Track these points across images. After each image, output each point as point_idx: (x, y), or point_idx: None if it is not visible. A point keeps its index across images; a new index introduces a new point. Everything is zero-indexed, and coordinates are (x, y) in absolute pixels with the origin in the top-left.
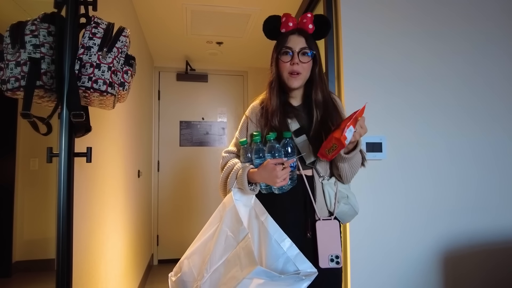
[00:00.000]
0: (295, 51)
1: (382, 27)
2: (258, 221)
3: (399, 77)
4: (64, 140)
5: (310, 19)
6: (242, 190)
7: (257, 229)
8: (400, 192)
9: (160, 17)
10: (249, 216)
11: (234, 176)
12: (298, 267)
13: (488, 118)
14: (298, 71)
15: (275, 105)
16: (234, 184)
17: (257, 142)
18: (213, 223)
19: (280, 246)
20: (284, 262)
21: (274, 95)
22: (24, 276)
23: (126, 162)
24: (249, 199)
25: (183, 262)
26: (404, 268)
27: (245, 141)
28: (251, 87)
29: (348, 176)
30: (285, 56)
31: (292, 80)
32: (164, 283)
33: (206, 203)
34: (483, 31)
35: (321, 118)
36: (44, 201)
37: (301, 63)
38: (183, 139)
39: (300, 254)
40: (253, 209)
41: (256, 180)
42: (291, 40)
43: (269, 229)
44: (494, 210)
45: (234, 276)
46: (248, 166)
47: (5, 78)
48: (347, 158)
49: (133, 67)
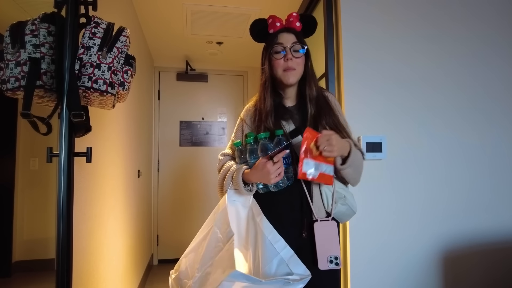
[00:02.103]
0: (287, 47)
1: (382, 26)
2: (254, 222)
3: (397, 79)
4: (64, 140)
5: (296, 17)
6: (239, 191)
7: (254, 230)
8: (400, 192)
9: (160, 17)
10: (247, 216)
11: (230, 177)
12: (292, 269)
13: (485, 120)
14: (293, 66)
15: (269, 105)
16: (230, 185)
17: (250, 143)
18: (208, 224)
19: (274, 247)
20: (278, 263)
21: (268, 95)
22: (24, 276)
23: (126, 162)
24: (247, 200)
25: (181, 260)
26: (403, 268)
27: (239, 142)
28: (251, 87)
29: (356, 177)
30: (277, 54)
31: (287, 75)
32: (164, 283)
33: (206, 203)
34: (479, 35)
35: (314, 113)
36: (44, 201)
37: (294, 59)
38: (183, 139)
39: (294, 256)
40: (251, 210)
41: (251, 180)
42: (281, 37)
43: (264, 230)
44: (493, 210)
45: (216, 278)
46: (242, 167)
47: (5, 78)
48: (344, 168)
49: (133, 67)
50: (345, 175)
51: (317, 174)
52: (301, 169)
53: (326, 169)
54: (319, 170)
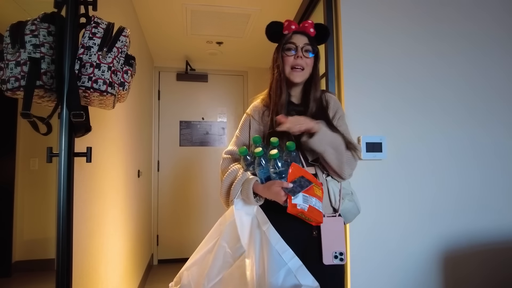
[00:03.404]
0: (299, 46)
1: (382, 25)
2: (260, 231)
3: (399, 76)
4: (64, 140)
5: (311, 24)
6: (246, 201)
7: (259, 239)
8: (401, 192)
9: (160, 17)
10: (251, 225)
11: (239, 186)
12: (300, 280)
13: (489, 118)
14: (301, 65)
15: (284, 98)
16: (238, 194)
17: (260, 156)
18: (213, 236)
19: (282, 257)
20: (286, 274)
21: (284, 88)
22: (24, 276)
23: (126, 162)
24: (251, 208)
25: (183, 273)
26: (404, 268)
27: (246, 151)
28: (251, 87)
29: (341, 165)
30: (289, 51)
31: (294, 74)
32: (164, 283)
33: (206, 203)
34: (483, 30)
35: (313, 113)
36: (44, 201)
37: (304, 58)
38: (183, 139)
39: (302, 267)
40: (255, 218)
41: (260, 194)
42: (295, 37)
43: (271, 239)
44: (495, 209)
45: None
46: (252, 179)
47: (5, 78)
48: (313, 141)
49: (133, 67)
50: (327, 156)
51: (306, 207)
52: (291, 201)
53: (315, 203)
54: (308, 203)
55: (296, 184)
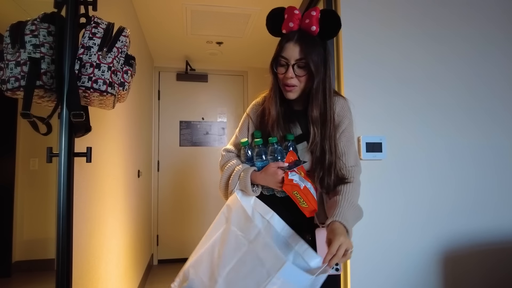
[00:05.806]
0: (290, 64)
1: (382, 28)
2: (263, 220)
3: (398, 78)
4: (64, 140)
5: (316, 18)
6: (244, 192)
7: (262, 228)
8: (400, 192)
9: (160, 17)
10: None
11: (237, 177)
12: (308, 262)
13: (487, 120)
14: (292, 84)
15: (275, 114)
16: (237, 185)
17: (259, 145)
18: (217, 227)
19: (288, 242)
20: (294, 257)
21: (275, 103)
22: (24, 276)
23: (126, 162)
24: (249, 200)
25: (188, 270)
26: (403, 268)
27: (246, 142)
28: (251, 87)
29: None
30: (280, 68)
31: (287, 93)
32: (164, 283)
33: (206, 203)
34: (483, 33)
35: (319, 135)
36: (44, 201)
37: (296, 77)
38: (183, 139)
39: (309, 249)
40: (255, 210)
41: (258, 183)
42: (287, 50)
43: (276, 227)
44: (493, 210)
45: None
46: (250, 168)
47: (5, 78)
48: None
49: (133, 67)
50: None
51: (302, 185)
52: (287, 177)
53: (310, 187)
54: (304, 183)
55: (292, 163)
